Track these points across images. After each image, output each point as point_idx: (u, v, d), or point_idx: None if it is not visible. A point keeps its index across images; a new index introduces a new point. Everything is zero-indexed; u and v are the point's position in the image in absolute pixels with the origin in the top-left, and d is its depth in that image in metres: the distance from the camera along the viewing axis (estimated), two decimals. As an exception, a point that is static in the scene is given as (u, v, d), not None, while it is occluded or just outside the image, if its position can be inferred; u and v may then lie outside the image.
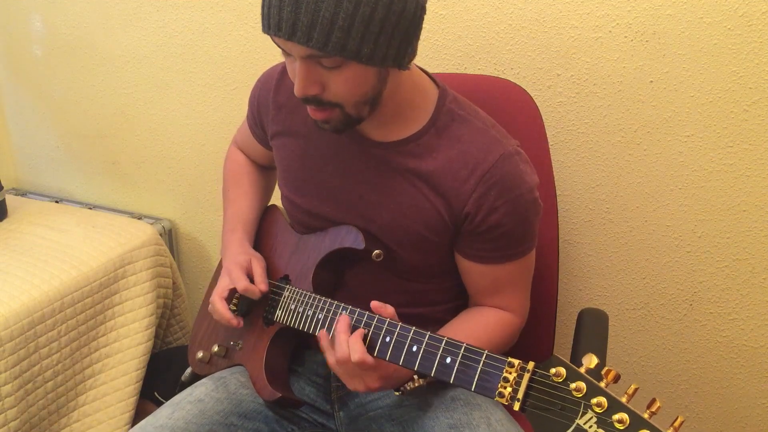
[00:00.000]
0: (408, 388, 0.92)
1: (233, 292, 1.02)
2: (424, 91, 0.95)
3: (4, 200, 1.71)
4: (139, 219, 1.79)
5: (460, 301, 1.05)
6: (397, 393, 0.93)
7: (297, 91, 0.83)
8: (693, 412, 1.40)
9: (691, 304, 1.33)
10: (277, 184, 1.16)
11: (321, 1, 0.73)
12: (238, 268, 1.01)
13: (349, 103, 0.85)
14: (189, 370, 1.14)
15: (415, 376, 0.92)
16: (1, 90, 1.95)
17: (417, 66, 0.96)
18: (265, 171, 1.24)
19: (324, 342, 0.89)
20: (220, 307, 1.00)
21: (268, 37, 0.80)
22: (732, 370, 1.34)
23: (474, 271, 0.98)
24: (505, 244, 0.94)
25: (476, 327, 0.99)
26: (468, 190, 0.91)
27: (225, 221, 1.16)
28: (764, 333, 1.29)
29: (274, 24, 0.77)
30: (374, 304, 0.86)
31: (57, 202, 1.93)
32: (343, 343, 0.84)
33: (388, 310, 0.86)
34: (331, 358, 0.87)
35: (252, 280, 1.01)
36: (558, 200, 1.19)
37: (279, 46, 0.82)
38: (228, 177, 1.23)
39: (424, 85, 0.95)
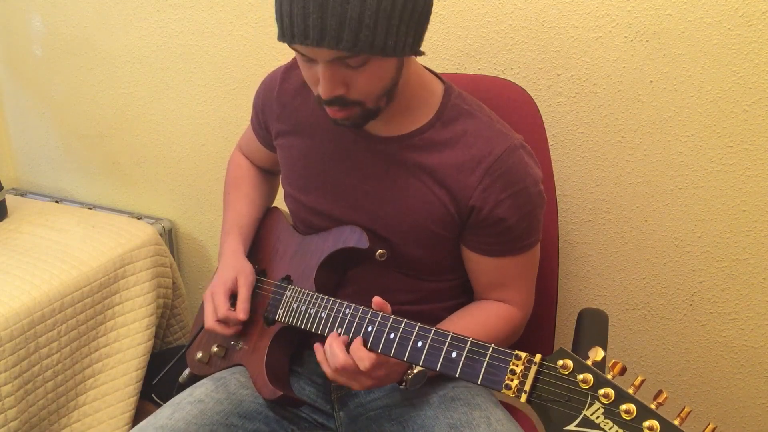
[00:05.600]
0: (409, 375, 0.91)
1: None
2: (430, 86, 0.96)
3: (4, 200, 1.71)
4: (139, 219, 1.79)
5: (464, 298, 1.06)
6: (401, 386, 0.93)
7: (324, 93, 0.83)
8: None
9: (691, 304, 1.33)
10: (280, 184, 1.17)
11: (346, 3, 0.74)
12: (221, 293, 1.02)
13: (372, 99, 0.86)
14: (187, 371, 1.13)
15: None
16: (1, 90, 1.95)
17: (422, 65, 0.96)
18: (267, 175, 1.25)
19: (319, 355, 0.89)
20: (221, 329, 1.02)
21: (268, 37, 0.80)
22: (732, 370, 1.34)
23: (479, 264, 0.99)
24: (510, 237, 0.95)
25: (474, 320, 0.99)
26: (473, 182, 0.91)
27: (223, 224, 1.16)
28: (764, 333, 1.29)
29: (299, 32, 0.77)
30: (377, 300, 0.86)
31: (57, 202, 1.93)
32: (339, 352, 0.85)
33: (387, 308, 0.87)
34: (328, 370, 0.88)
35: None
36: (558, 200, 1.20)
37: (300, 53, 0.82)
38: (229, 181, 1.23)
39: (429, 81, 0.96)
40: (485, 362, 0.76)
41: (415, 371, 0.91)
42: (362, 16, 0.75)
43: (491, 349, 0.76)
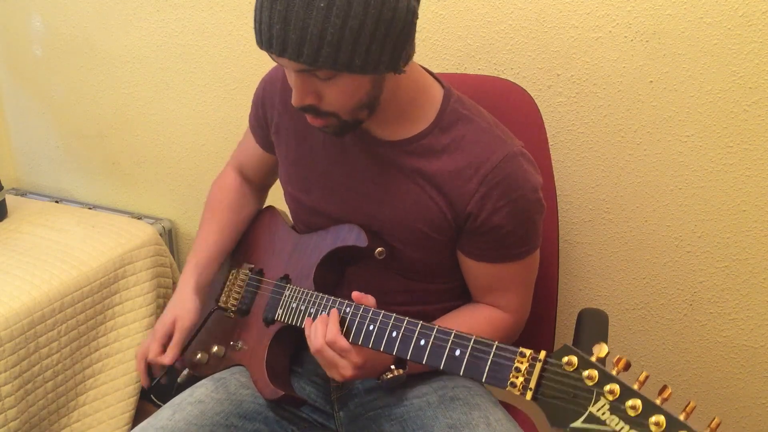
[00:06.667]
0: (386, 377, 0.92)
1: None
2: (428, 90, 0.95)
3: (4, 200, 1.71)
4: (139, 219, 1.79)
5: (463, 299, 1.05)
6: (378, 381, 0.94)
7: (294, 101, 0.84)
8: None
9: (691, 304, 1.33)
10: (279, 185, 1.16)
11: (308, 18, 0.73)
12: (157, 338, 1.05)
13: (345, 112, 0.86)
14: (186, 371, 1.13)
15: (393, 366, 0.92)
16: (1, 90, 1.95)
17: (421, 66, 0.96)
18: (251, 197, 1.21)
19: (307, 330, 0.90)
20: (139, 368, 1.07)
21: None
22: (732, 370, 1.34)
23: (475, 269, 0.99)
24: (506, 244, 0.94)
25: (460, 323, 0.98)
26: (471, 189, 0.91)
27: (191, 249, 1.15)
28: (764, 333, 1.29)
29: (265, 40, 0.78)
30: (355, 294, 0.88)
31: (57, 202, 1.93)
32: (320, 332, 0.87)
33: (370, 300, 0.88)
34: (311, 346, 0.89)
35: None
36: (558, 200, 1.19)
37: (274, 60, 0.82)
38: (209, 201, 1.21)
39: (428, 85, 0.95)
40: (489, 360, 0.75)
41: (394, 374, 0.92)
42: (324, 32, 0.74)
43: (495, 346, 0.75)
